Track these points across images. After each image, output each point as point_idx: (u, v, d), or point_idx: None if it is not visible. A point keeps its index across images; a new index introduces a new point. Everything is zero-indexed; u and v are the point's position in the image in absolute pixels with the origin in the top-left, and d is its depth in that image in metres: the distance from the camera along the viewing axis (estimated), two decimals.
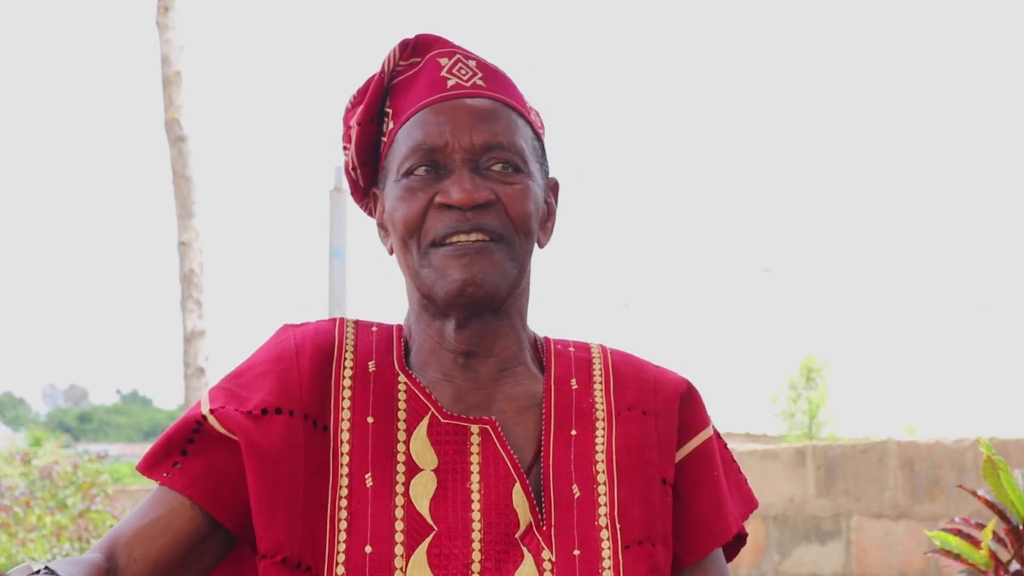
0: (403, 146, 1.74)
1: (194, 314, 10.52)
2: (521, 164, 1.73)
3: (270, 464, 1.68)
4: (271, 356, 1.75)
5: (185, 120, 10.78)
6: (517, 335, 1.78)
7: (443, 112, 1.73)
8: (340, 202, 11.69)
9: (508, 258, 1.71)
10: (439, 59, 1.78)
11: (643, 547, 1.73)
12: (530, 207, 1.73)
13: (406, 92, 1.78)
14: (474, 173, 1.71)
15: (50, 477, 10.07)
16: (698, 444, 1.81)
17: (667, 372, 1.84)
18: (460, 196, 1.69)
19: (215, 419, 1.70)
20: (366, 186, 1.84)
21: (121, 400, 74.88)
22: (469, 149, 1.72)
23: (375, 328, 1.80)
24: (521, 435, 1.75)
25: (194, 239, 10.68)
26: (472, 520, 1.70)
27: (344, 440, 1.71)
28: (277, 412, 1.70)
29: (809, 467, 7.49)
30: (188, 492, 1.68)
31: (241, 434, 1.68)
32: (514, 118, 1.76)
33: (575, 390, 1.79)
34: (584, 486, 1.73)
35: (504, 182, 1.72)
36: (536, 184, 1.75)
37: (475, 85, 1.76)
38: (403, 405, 1.74)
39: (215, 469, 1.69)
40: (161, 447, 1.72)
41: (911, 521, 6.92)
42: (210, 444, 1.70)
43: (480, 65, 1.79)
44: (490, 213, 1.70)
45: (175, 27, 10.94)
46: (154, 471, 1.71)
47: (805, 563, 7.52)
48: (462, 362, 1.76)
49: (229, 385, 1.74)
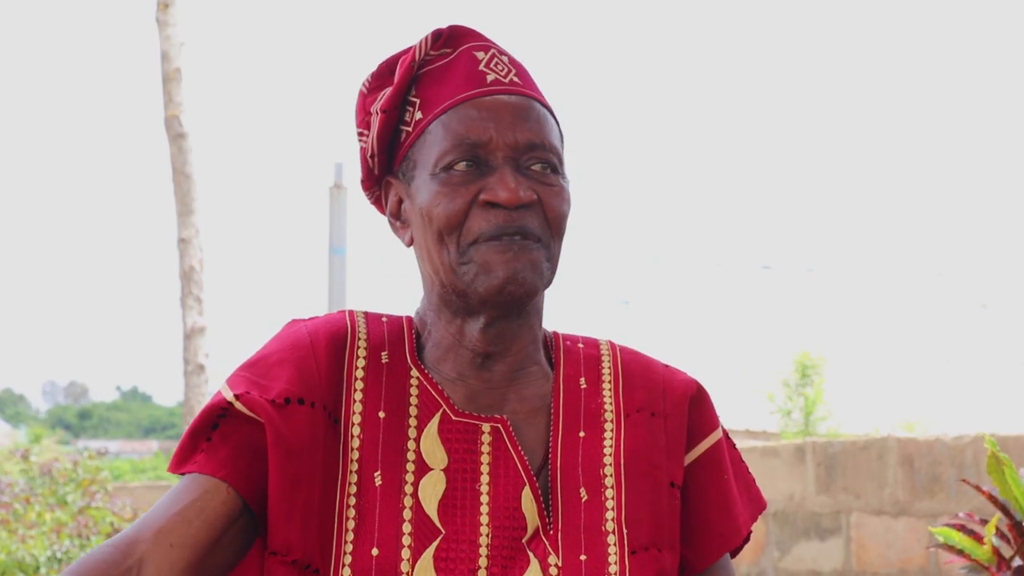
0: (441, 139, 1.71)
1: (194, 311, 10.52)
2: (558, 164, 1.73)
3: (294, 459, 1.66)
4: (286, 345, 1.73)
5: (185, 117, 10.78)
6: (533, 335, 1.77)
7: (485, 107, 1.71)
8: (340, 199, 11.68)
9: (545, 259, 1.71)
10: (475, 52, 1.75)
11: (649, 552, 1.72)
12: (565, 209, 1.72)
13: (438, 83, 1.75)
14: (516, 172, 1.70)
15: (50, 474, 10.08)
16: (708, 447, 1.79)
17: (676, 372, 1.82)
18: (507, 195, 1.67)
19: (242, 404, 1.67)
20: (380, 174, 1.80)
21: (121, 397, 74.87)
22: (513, 147, 1.70)
23: (385, 319, 1.78)
24: (532, 436, 1.74)
25: (194, 236, 10.68)
26: (480, 524, 1.69)
27: (355, 435, 1.70)
28: (300, 402, 1.68)
29: (809, 464, 7.49)
30: (221, 474, 1.66)
31: (268, 422, 1.66)
32: (548, 117, 1.75)
33: (584, 390, 1.78)
34: (592, 489, 1.72)
35: (543, 182, 1.71)
36: (568, 185, 1.74)
37: (512, 82, 1.74)
38: (415, 400, 1.73)
39: (244, 450, 1.67)
40: (187, 441, 1.69)
41: (911, 518, 6.92)
42: (237, 427, 1.67)
43: (512, 62, 1.77)
44: (531, 214, 1.69)
45: (175, 24, 10.94)
46: (184, 466, 1.68)
47: (805, 560, 7.52)
48: (479, 362, 1.74)
49: (247, 373, 1.71)
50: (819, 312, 25.21)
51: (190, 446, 1.69)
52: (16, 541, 8.52)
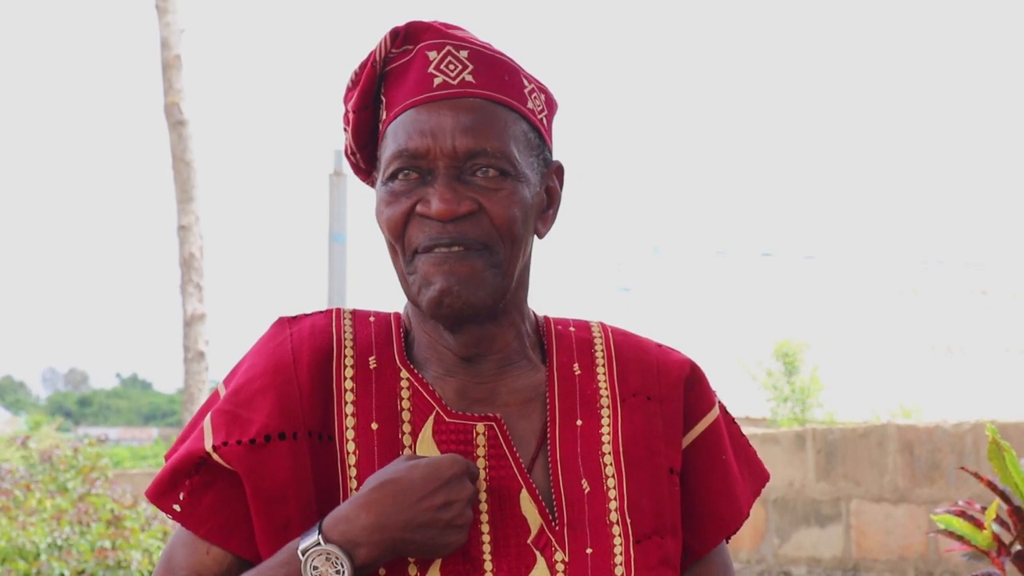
0: (389, 147, 1.70)
1: (194, 298, 10.52)
2: (508, 167, 1.68)
3: (278, 504, 1.66)
4: (268, 368, 1.71)
5: (185, 104, 10.76)
6: (517, 330, 1.75)
7: (427, 114, 1.68)
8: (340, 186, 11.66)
9: (489, 266, 1.67)
10: (428, 52, 1.72)
11: (653, 540, 1.71)
12: (515, 213, 1.68)
13: (397, 84, 1.73)
14: (456, 181, 1.67)
15: (50, 461, 10.08)
16: (705, 427, 1.79)
17: (670, 352, 1.81)
18: (439, 208, 1.65)
19: (219, 457, 1.68)
20: (367, 167, 1.80)
21: (121, 384, 74.98)
22: (452, 156, 1.67)
23: (373, 318, 1.77)
24: (526, 428, 1.73)
25: (194, 223, 10.67)
26: (482, 532, 1.68)
27: (350, 451, 1.69)
28: (280, 437, 1.67)
29: (809, 451, 7.49)
30: (201, 532, 1.68)
31: (246, 474, 1.67)
32: (503, 116, 1.70)
33: (578, 376, 1.76)
34: (593, 480, 1.71)
35: (488, 189, 1.67)
36: (526, 184, 1.70)
37: (463, 82, 1.70)
38: (407, 404, 1.71)
39: (223, 504, 1.68)
40: (166, 477, 1.70)
41: (910, 505, 6.92)
42: (215, 477, 1.69)
43: (472, 56, 1.72)
44: (472, 223, 1.66)
45: (175, 11, 10.92)
46: (162, 501, 1.70)
47: (805, 547, 7.52)
48: (462, 359, 1.73)
49: (229, 407, 1.70)
50: (819, 299, 25.20)
51: (169, 484, 1.70)
52: (16, 528, 8.51)
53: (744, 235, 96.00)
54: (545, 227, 1.77)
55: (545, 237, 1.77)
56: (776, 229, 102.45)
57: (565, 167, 1.81)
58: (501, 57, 1.74)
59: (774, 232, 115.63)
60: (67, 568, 8.21)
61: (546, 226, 1.77)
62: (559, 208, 1.79)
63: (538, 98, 1.76)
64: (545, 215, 1.77)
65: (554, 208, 1.78)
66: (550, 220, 1.78)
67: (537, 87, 1.77)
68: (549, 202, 1.77)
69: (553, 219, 1.78)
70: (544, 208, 1.76)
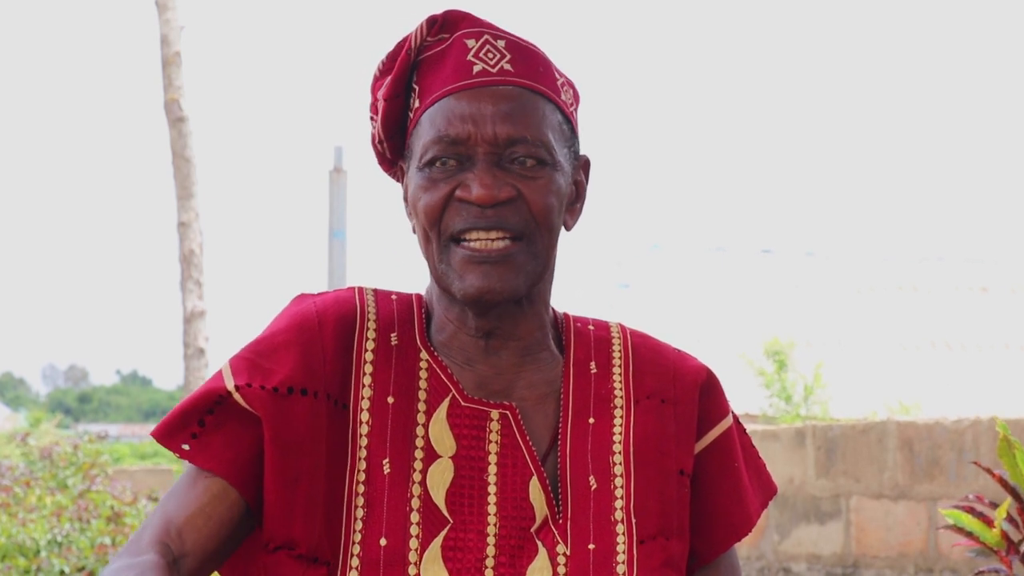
0: (426, 133, 1.70)
1: (194, 294, 10.53)
2: (546, 156, 1.69)
3: (292, 455, 1.65)
4: (293, 324, 1.71)
5: (185, 101, 10.77)
6: (540, 320, 1.75)
7: (467, 101, 1.68)
8: (340, 182, 11.67)
9: (529, 257, 1.68)
10: (466, 40, 1.72)
11: (657, 541, 1.71)
12: (552, 201, 1.69)
13: (432, 71, 1.73)
14: (496, 167, 1.68)
15: (50, 457, 10.08)
16: (718, 434, 1.79)
17: (688, 358, 1.81)
18: (480, 193, 1.66)
19: (240, 397, 1.66)
20: (393, 158, 1.79)
21: (121, 380, 74.99)
22: (492, 142, 1.67)
23: (395, 297, 1.77)
24: (540, 423, 1.73)
25: (194, 219, 10.69)
26: (488, 514, 1.68)
27: (364, 421, 1.69)
28: (303, 393, 1.67)
29: (809, 448, 7.48)
30: (210, 466, 1.65)
31: (267, 418, 1.65)
32: (541, 105, 1.71)
33: (594, 374, 1.76)
34: (601, 478, 1.71)
35: (527, 176, 1.68)
36: (561, 174, 1.71)
37: (502, 71, 1.71)
38: (424, 384, 1.72)
39: (234, 442, 1.66)
40: (178, 416, 1.68)
41: (910, 501, 6.91)
42: (230, 417, 1.66)
43: (509, 46, 1.73)
44: (511, 209, 1.67)
45: (175, 8, 10.93)
46: (171, 440, 1.67)
47: (805, 543, 7.52)
48: (483, 345, 1.73)
49: (251, 355, 1.69)
50: (818, 296, 25.20)
51: (180, 423, 1.67)
52: (16, 524, 8.51)
53: (743, 232, 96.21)
54: (572, 220, 1.77)
55: (572, 230, 1.78)
56: (775, 226, 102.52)
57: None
58: (535, 49, 1.75)
59: (773, 229, 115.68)
60: (67, 565, 8.20)
61: (573, 219, 1.78)
62: (584, 203, 1.79)
63: (568, 91, 1.77)
64: (573, 208, 1.77)
65: (581, 202, 1.78)
66: (577, 213, 1.78)
67: (566, 81, 1.77)
68: (576, 196, 1.78)
69: (579, 213, 1.78)
70: (572, 201, 1.77)
